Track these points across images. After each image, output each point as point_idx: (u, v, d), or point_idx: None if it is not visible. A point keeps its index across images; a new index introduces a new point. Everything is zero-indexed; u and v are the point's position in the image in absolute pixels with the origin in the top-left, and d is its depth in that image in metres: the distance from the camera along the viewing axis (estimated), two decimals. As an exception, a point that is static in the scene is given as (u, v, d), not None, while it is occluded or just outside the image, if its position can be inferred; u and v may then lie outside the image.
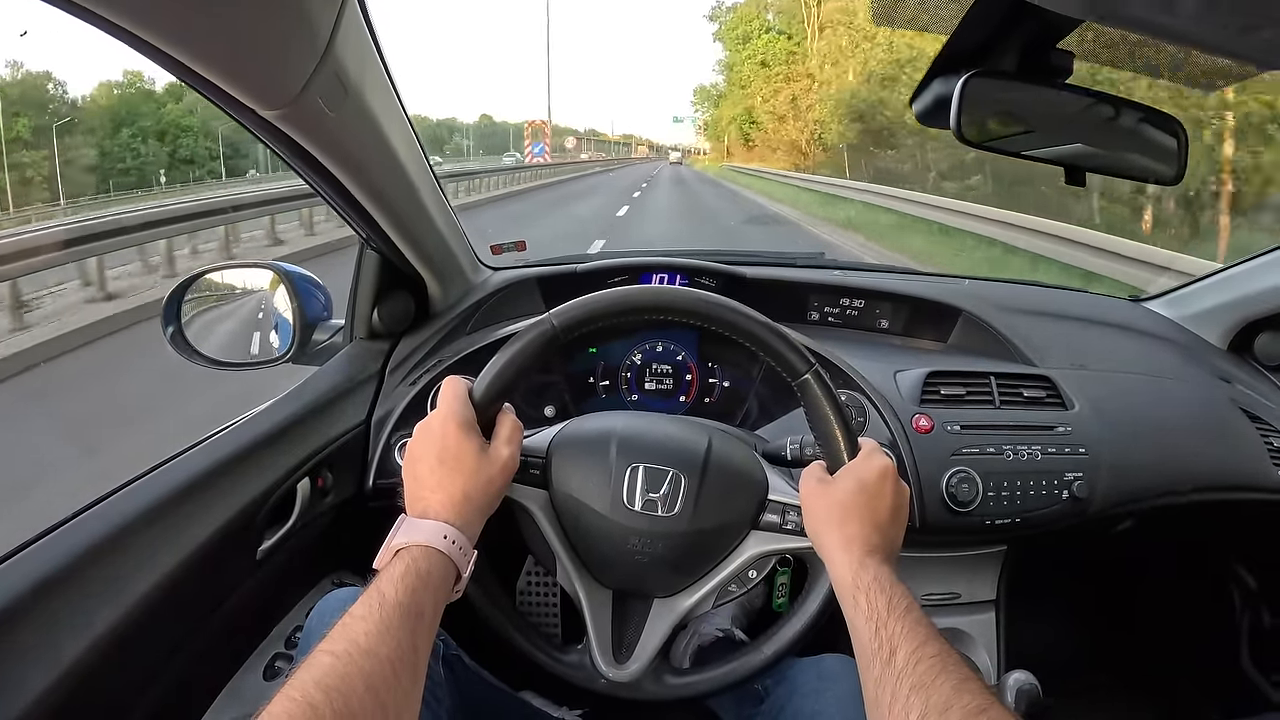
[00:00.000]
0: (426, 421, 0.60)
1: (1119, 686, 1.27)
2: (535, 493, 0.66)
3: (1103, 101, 0.69)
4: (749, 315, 0.63)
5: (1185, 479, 0.92)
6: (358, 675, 0.43)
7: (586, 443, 0.67)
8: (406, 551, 0.52)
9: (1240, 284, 1.09)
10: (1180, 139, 0.72)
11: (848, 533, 0.57)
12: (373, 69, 0.64)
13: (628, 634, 0.66)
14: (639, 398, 1.01)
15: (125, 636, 0.54)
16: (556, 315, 0.62)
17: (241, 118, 0.56)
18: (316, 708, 0.40)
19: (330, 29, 0.55)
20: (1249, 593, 1.17)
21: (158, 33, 0.44)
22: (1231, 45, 0.51)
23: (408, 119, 0.74)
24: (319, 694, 0.41)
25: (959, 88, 0.61)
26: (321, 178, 0.68)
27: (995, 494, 0.84)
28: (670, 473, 0.64)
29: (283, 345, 0.91)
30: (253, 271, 0.95)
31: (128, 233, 5.46)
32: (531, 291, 1.07)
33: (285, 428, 0.77)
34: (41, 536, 0.56)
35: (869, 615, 0.51)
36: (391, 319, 0.93)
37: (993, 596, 0.96)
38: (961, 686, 0.44)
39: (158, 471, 0.65)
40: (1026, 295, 1.21)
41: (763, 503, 0.66)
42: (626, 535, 0.63)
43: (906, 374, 0.91)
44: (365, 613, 0.47)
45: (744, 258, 1.17)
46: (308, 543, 0.79)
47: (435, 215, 0.86)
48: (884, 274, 1.21)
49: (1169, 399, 0.98)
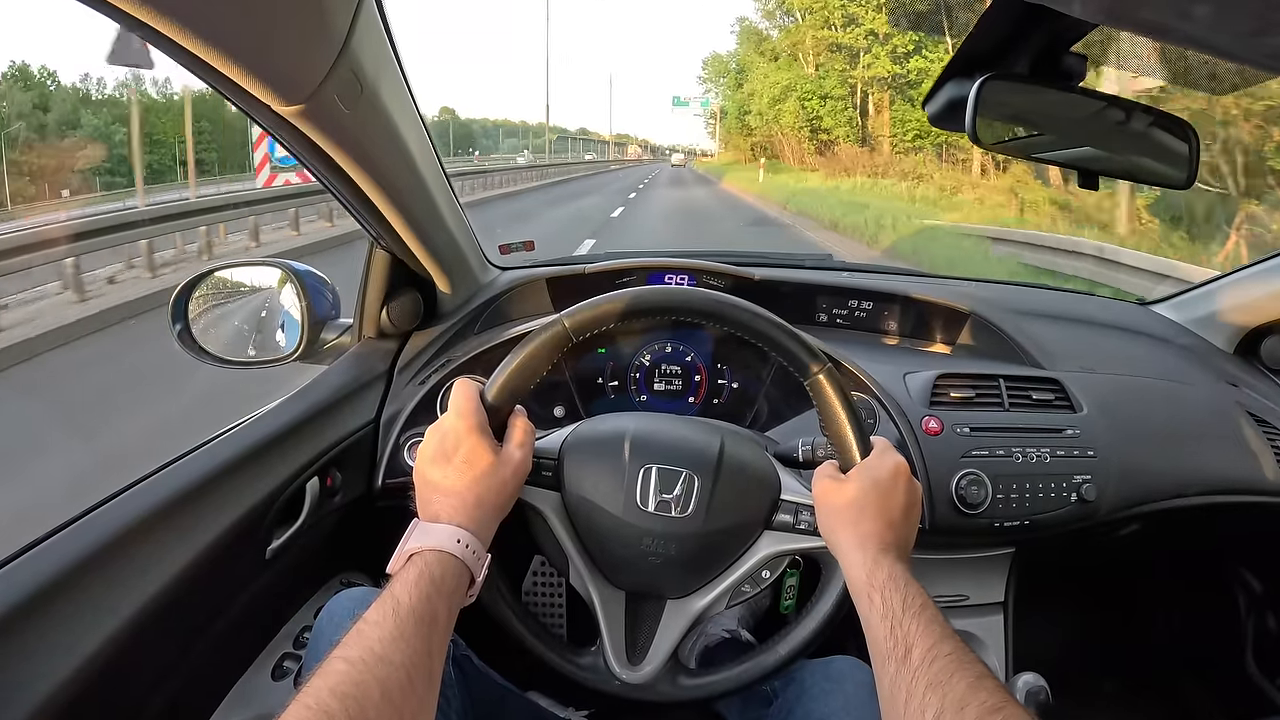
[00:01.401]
0: (438, 424, 0.59)
1: (1126, 689, 1.27)
2: (548, 495, 0.65)
3: (1115, 105, 0.69)
4: (760, 314, 0.63)
5: (1192, 482, 0.92)
6: (373, 682, 0.43)
7: (599, 444, 0.67)
8: (420, 556, 0.52)
9: (1248, 288, 1.09)
10: (1192, 143, 0.72)
11: (862, 531, 0.57)
12: (388, 67, 0.64)
13: (641, 635, 0.66)
14: (648, 398, 1.01)
15: (135, 635, 0.54)
16: (568, 316, 0.62)
17: (257, 114, 0.56)
18: (332, 715, 0.40)
19: (348, 26, 0.55)
20: (1255, 596, 1.17)
21: (176, 27, 0.44)
22: (1242, 50, 0.51)
23: (421, 118, 0.74)
24: (334, 702, 0.41)
25: (974, 91, 0.61)
26: (334, 175, 0.68)
27: (1004, 496, 0.84)
28: (683, 474, 0.64)
29: (290, 344, 0.91)
30: (261, 269, 0.94)
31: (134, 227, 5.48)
32: (540, 291, 1.07)
33: (294, 427, 0.76)
34: (51, 535, 0.55)
35: (884, 613, 0.51)
36: (400, 318, 0.92)
37: (1001, 599, 0.96)
38: (977, 684, 0.44)
39: (167, 471, 0.65)
40: (1035, 298, 1.21)
41: (776, 502, 0.65)
42: (640, 536, 0.63)
43: (916, 376, 0.91)
44: (380, 619, 0.47)
45: (752, 259, 1.17)
46: (317, 542, 0.78)
47: (446, 214, 0.86)
48: (892, 276, 1.21)
49: (1177, 402, 0.98)
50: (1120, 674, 1.29)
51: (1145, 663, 1.31)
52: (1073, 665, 1.28)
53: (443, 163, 0.84)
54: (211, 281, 0.91)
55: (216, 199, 7.45)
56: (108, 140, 26.84)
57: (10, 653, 0.47)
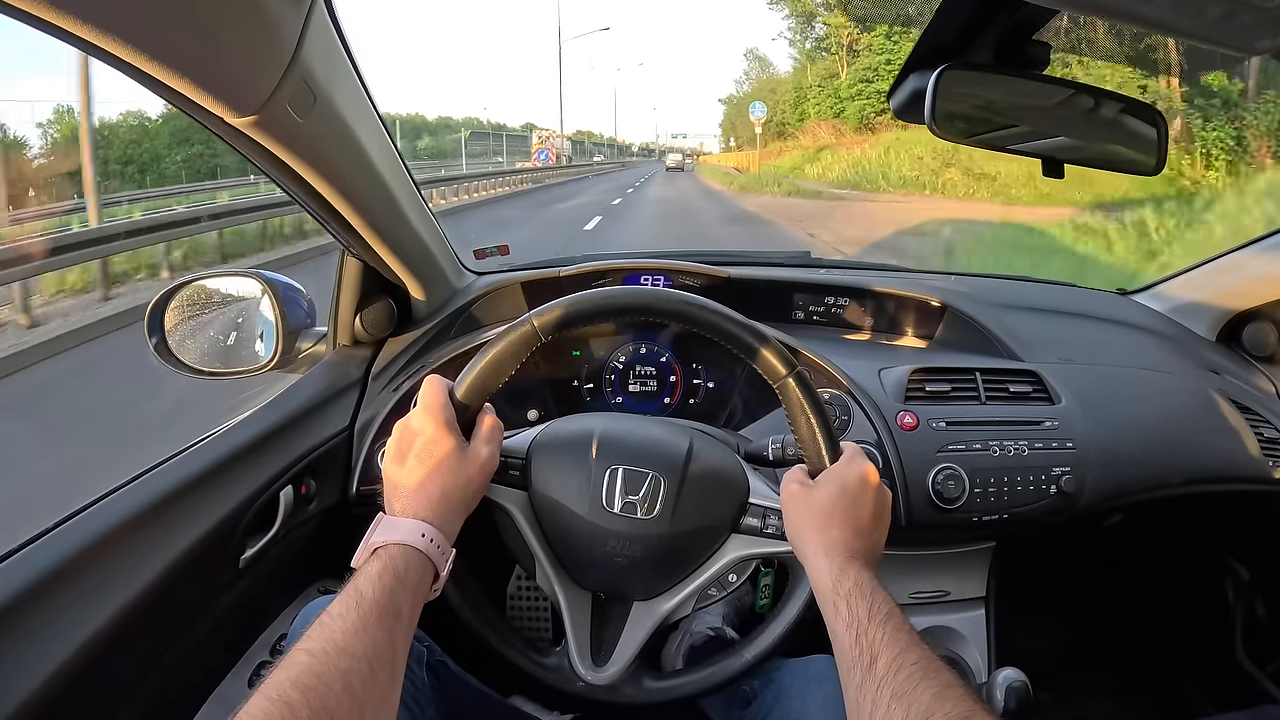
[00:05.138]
0: (406, 419, 0.60)
1: (1111, 681, 1.27)
2: (514, 494, 0.65)
3: (1082, 92, 0.69)
4: (729, 316, 0.63)
5: (1175, 471, 0.92)
6: (334, 674, 0.43)
7: (567, 444, 0.67)
8: (384, 550, 0.52)
9: (1227, 274, 1.08)
10: (1160, 129, 0.72)
11: (828, 538, 0.56)
12: (343, 75, 0.64)
13: (607, 636, 0.66)
14: (623, 400, 1.01)
15: (108, 644, 0.54)
16: (537, 315, 0.62)
17: (210, 125, 0.56)
18: (293, 706, 0.40)
19: (297, 36, 0.55)
20: (1242, 584, 1.17)
21: (119, 41, 0.44)
22: (1210, 32, 0.50)
23: (383, 124, 0.74)
24: (296, 693, 0.41)
25: (933, 80, 0.61)
26: (296, 184, 0.68)
27: (982, 490, 0.83)
28: (650, 475, 0.64)
29: (266, 353, 0.91)
30: (236, 280, 0.95)
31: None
32: (515, 295, 1.07)
33: (268, 435, 0.77)
34: (23, 546, 0.56)
35: (849, 622, 0.50)
36: (374, 325, 0.92)
37: (982, 593, 0.95)
38: (943, 694, 0.44)
39: (139, 481, 0.65)
40: (1012, 290, 1.20)
41: (743, 506, 0.65)
42: (605, 537, 0.63)
43: (891, 371, 0.91)
44: (343, 611, 0.47)
45: (728, 258, 1.17)
46: (292, 550, 0.79)
47: (414, 220, 0.86)
48: (869, 272, 1.21)
49: (1157, 391, 0.98)
50: (1107, 666, 1.28)
51: (1132, 654, 1.30)
52: (1057, 658, 1.28)
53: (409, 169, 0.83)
54: (187, 293, 0.91)
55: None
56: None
57: None
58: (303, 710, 0.40)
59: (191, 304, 0.93)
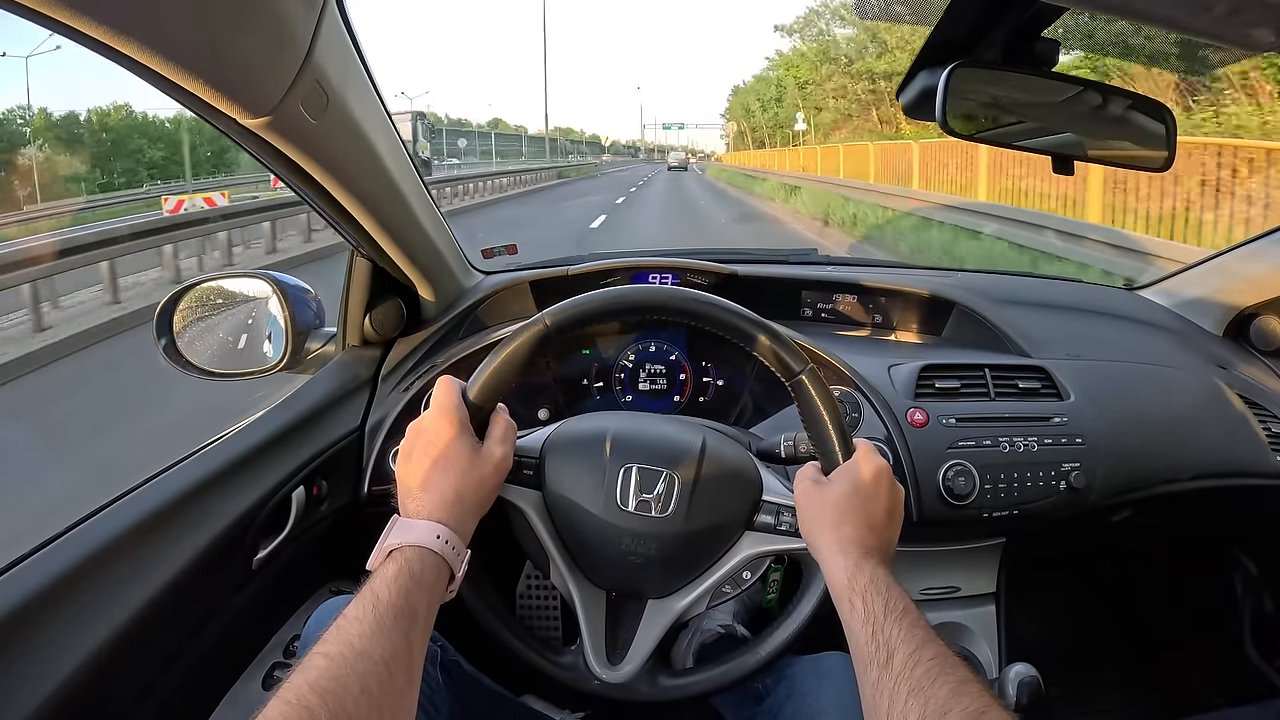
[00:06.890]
0: (419, 421, 0.60)
1: (1120, 676, 1.27)
2: (529, 493, 0.65)
3: (1090, 89, 0.69)
4: (742, 314, 0.63)
5: (1183, 467, 0.92)
6: (352, 677, 0.43)
7: (580, 443, 0.67)
8: (400, 552, 0.52)
9: (1234, 269, 1.08)
10: (1169, 125, 0.71)
11: (843, 534, 0.56)
12: (355, 76, 0.64)
13: (621, 635, 0.66)
14: (633, 398, 1.01)
15: (121, 648, 0.54)
16: (550, 315, 0.62)
17: (223, 126, 0.56)
18: (312, 710, 0.40)
19: (309, 37, 0.55)
20: (1250, 579, 1.17)
21: (133, 43, 0.44)
22: (1217, 30, 0.50)
23: (393, 124, 0.74)
24: (314, 697, 0.41)
25: (943, 78, 0.61)
26: (307, 185, 0.68)
27: (992, 486, 0.83)
28: (664, 473, 0.64)
29: (276, 354, 0.91)
30: (245, 281, 0.95)
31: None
32: (524, 294, 1.07)
33: (278, 437, 0.77)
34: (35, 551, 0.56)
35: (865, 618, 0.50)
36: (383, 325, 0.92)
37: (992, 589, 0.95)
38: (960, 689, 0.44)
39: (150, 484, 0.65)
40: (1020, 286, 1.20)
41: (757, 503, 0.65)
42: (620, 536, 0.63)
43: (900, 368, 0.91)
44: (359, 614, 0.47)
45: (736, 256, 1.17)
46: (304, 551, 0.79)
47: (424, 220, 0.86)
48: (876, 269, 1.21)
49: (1165, 387, 0.98)
50: (1116, 661, 1.28)
51: (1141, 649, 1.31)
52: (1068, 654, 1.28)
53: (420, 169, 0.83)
54: (196, 295, 0.91)
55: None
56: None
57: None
58: (321, 714, 0.40)
59: (200, 305, 0.93)
